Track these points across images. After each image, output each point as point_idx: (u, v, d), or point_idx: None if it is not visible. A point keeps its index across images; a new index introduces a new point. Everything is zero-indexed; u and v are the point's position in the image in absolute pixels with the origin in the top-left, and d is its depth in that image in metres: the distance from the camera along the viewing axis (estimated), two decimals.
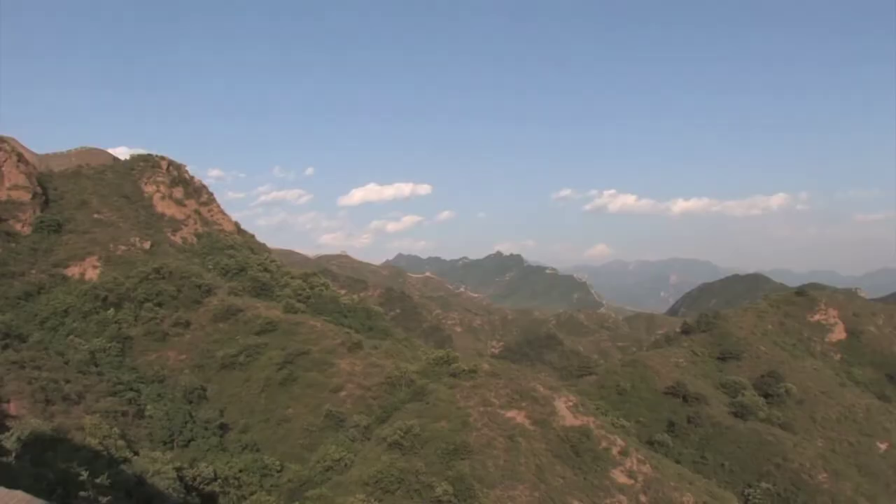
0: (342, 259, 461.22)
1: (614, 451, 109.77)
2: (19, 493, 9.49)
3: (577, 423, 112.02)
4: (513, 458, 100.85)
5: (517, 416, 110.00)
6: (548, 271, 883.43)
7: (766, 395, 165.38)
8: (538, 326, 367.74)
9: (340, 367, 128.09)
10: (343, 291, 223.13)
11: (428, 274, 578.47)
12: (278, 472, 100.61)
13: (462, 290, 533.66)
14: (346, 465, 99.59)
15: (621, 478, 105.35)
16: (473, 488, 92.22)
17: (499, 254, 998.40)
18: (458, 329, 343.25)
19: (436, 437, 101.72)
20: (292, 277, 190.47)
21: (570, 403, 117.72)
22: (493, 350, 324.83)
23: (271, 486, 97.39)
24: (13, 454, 64.06)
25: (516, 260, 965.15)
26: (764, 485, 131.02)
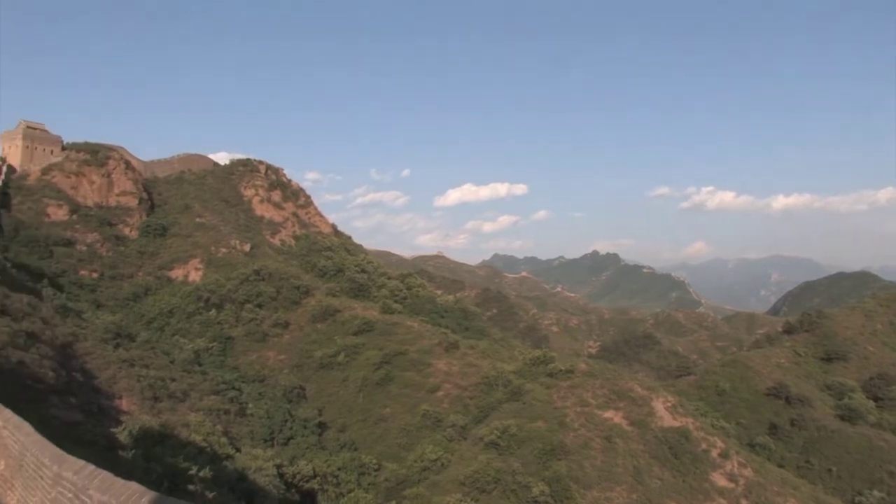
0: (438, 259, 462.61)
1: (714, 453, 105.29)
2: (134, 485, 9.23)
3: (676, 423, 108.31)
4: (610, 458, 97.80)
5: (614, 416, 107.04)
6: (645, 270, 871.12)
7: (875, 399, 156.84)
8: (635, 326, 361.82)
9: (437, 367, 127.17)
10: (439, 292, 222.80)
11: (524, 274, 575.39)
12: (375, 470, 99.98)
13: (558, 289, 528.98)
14: (442, 464, 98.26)
15: (721, 481, 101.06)
16: (570, 489, 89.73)
17: (595, 253, 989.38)
18: (555, 329, 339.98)
19: (532, 438, 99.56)
20: (389, 278, 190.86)
21: (669, 404, 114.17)
22: (589, 350, 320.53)
23: (369, 484, 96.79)
24: (128, 448, 65.29)
25: (613, 259, 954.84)
26: (877, 493, 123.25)
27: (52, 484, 11.92)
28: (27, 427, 14.44)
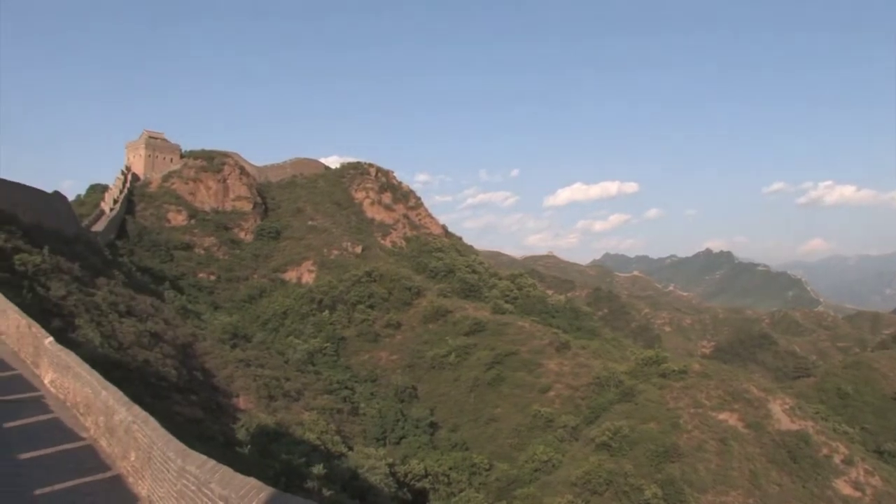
0: (549, 259, 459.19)
1: (837, 459, 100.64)
2: (252, 480, 9.50)
3: (795, 427, 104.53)
4: (725, 462, 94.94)
5: (729, 418, 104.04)
6: (760, 268, 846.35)
7: None
8: (750, 325, 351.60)
9: (548, 368, 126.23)
10: (550, 292, 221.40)
11: (636, 273, 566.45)
12: (487, 470, 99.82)
13: (671, 288, 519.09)
14: (554, 465, 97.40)
15: (846, 489, 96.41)
16: (684, 492, 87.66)
17: (708, 251, 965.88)
18: (668, 329, 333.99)
19: (645, 439, 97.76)
20: (500, 278, 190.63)
21: (787, 406, 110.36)
22: (703, 350, 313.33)
23: (480, 484, 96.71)
24: (245, 445, 67.09)
25: (726, 257, 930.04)
26: None
27: (177, 476, 12.35)
28: (153, 422, 14.93)
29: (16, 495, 14.17)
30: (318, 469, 63.52)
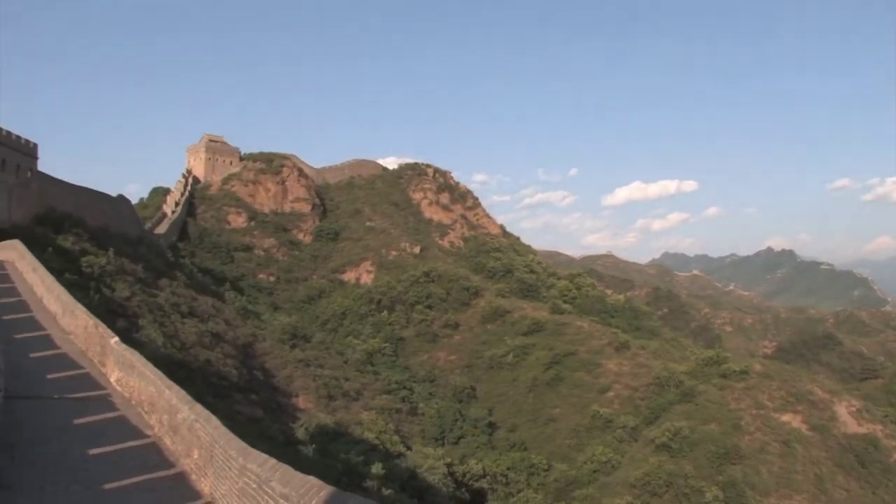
0: (607, 259, 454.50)
1: None
2: (312, 479, 9.61)
3: (862, 430, 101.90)
4: (788, 465, 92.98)
5: (793, 419, 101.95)
6: (823, 267, 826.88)
7: None
8: (814, 325, 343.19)
9: (607, 368, 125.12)
10: (609, 291, 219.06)
11: (695, 272, 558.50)
12: (545, 471, 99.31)
13: (731, 287, 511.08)
14: (612, 466, 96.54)
15: None
16: (745, 495, 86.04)
17: (769, 250, 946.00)
18: (728, 328, 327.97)
19: (705, 440, 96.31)
20: (558, 278, 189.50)
21: (853, 408, 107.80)
22: (764, 350, 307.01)
23: (538, 484, 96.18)
24: (305, 444, 67.79)
25: (788, 256, 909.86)
26: None
27: (238, 474, 12.51)
28: (215, 421, 15.15)
29: (86, 489, 14.52)
30: (376, 468, 63.98)
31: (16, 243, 55.25)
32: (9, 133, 78.21)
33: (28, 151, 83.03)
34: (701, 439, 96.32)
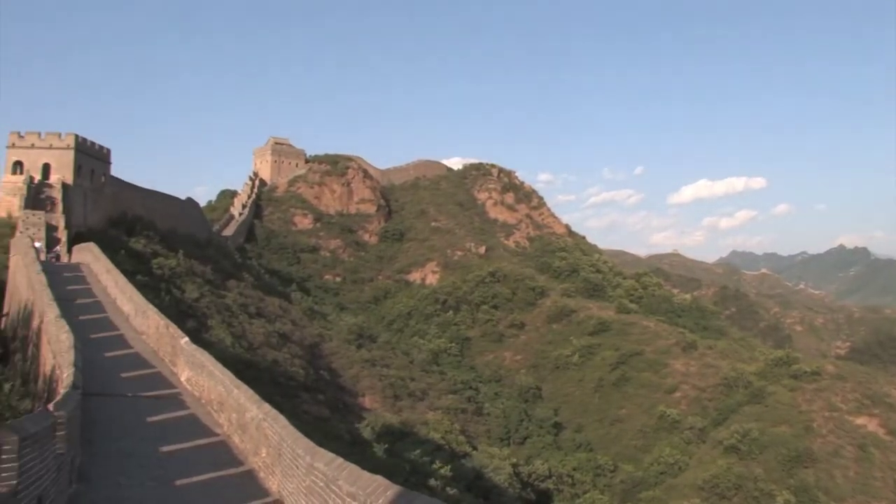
0: (674, 258, 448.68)
1: None
2: (379, 478, 9.67)
3: None
4: (865, 470, 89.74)
5: (868, 423, 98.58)
6: None
7: None
8: (891, 325, 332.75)
9: (674, 368, 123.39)
10: (676, 291, 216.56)
11: (764, 271, 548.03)
12: (611, 472, 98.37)
13: (801, 286, 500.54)
14: (680, 467, 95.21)
15: None
16: (819, 500, 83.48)
17: (841, 247, 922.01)
18: (798, 328, 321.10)
19: (776, 443, 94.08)
20: (624, 277, 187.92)
21: None
22: (837, 351, 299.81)
23: (604, 485, 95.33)
24: (372, 444, 68.37)
25: (862, 253, 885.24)
26: None
27: (305, 473, 12.63)
28: (283, 420, 15.34)
29: (159, 485, 14.85)
30: (442, 468, 64.16)
31: (91, 246, 56.64)
32: (84, 139, 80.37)
33: (101, 157, 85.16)
34: (771, 441, 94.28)
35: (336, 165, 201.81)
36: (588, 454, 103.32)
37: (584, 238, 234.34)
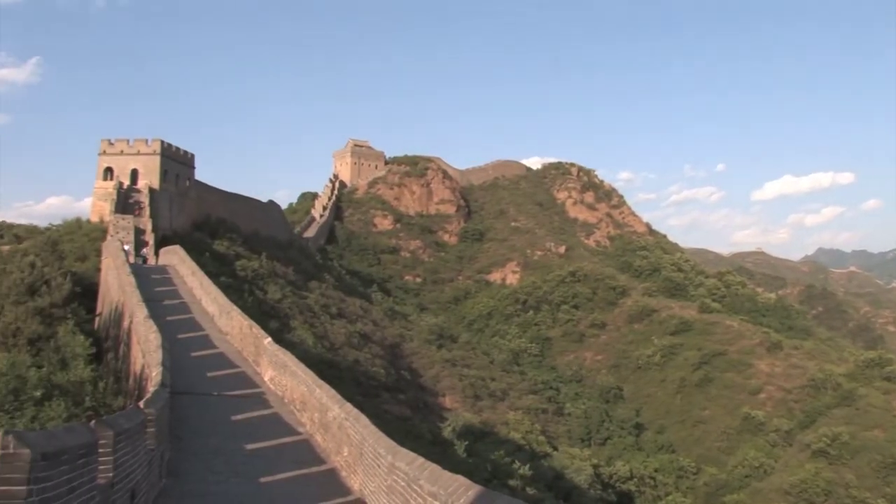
0: (757, 256, 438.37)
1: None
2: (460, 478, 9.68)
3: None
4: None
5: None
6: None
7: None
8: None
9: (759, 369, 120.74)
10: (760, 289, 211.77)
11: (852, 269, 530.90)
12: (694, 474, 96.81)
13: (894, 285, 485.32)
14: (765, 471, 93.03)
15: None
16: None
17: None
18: (891, 328, 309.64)
19: (869, 448, 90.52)
20: (706, 276, 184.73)
21: None
22: None
23: (687, 488, 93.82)
24: (452, 443, 68.58)
25: None
26: None
27: (387, 472, 12.71)
28: (365, 419, 15.48)
29: (245, 482, 15.15)
30: (523, 469, 64.04)
31: (177, 248, 58.06)
32: (169, 145, 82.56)
33: (186, 161, 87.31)
34: (863, 446, 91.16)
35: (415, 167, 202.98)
36: (670, 455, 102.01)
37: (664, 236, 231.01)
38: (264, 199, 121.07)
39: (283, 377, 23.83)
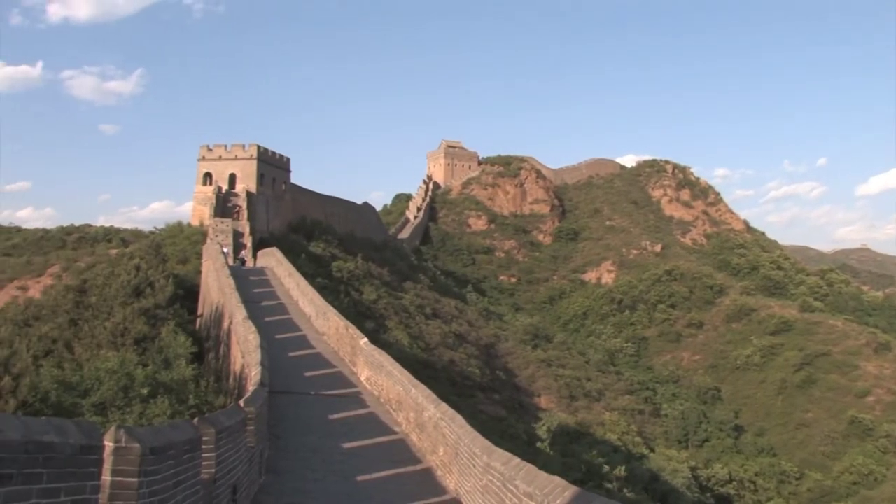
0: (863, 253, 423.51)
1: None
2: (556, 478, 9.66)
3: None
4: None
5: None
6: None
7: None
8: None
9: (866, 370, 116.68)
10: (866, 288, 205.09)
11: None
12: (797, 479, 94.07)
13: None
14: (875, 479, 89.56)
15: None
16: None
17: None
18: None
19: None
20: (807, 274, 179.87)
21: None
22: None
23: (789, 493, 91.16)
24: (547, 444, 68.36)
25: None
26: None
27: (482, 472, 12.70)
28: (460, 419, 15.54)
29: (342, 480, 15.38)
30: (619, 470, 63.34)
31: (274, 251, 59.25)
32: (265, 149, 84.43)
33: (282, 165, 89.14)
34: None
35: (509, 166, 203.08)
36: (771, 459, 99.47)
37: (763, 234, 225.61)
38: (359, 201, 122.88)
39: (379, 377, 24.09)
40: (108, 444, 6.14)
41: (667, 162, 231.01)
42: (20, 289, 79.40)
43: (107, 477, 6.08)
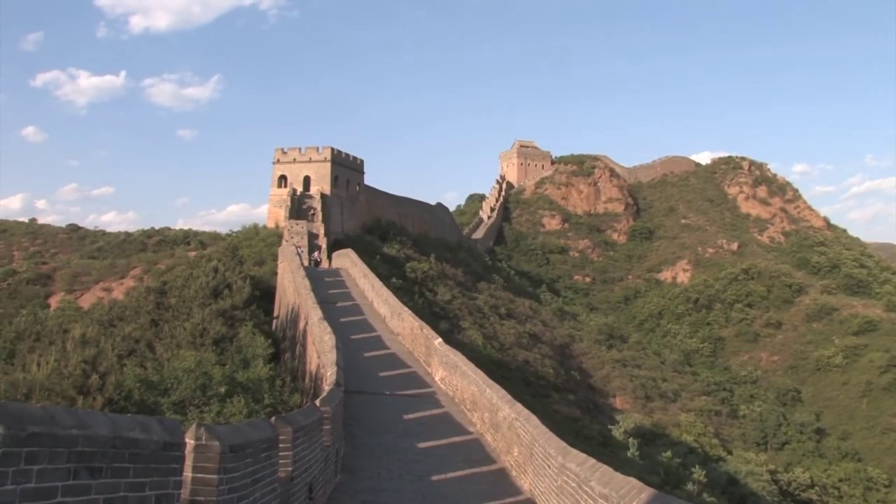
0: None
1: None
2: (633, 480, 9.59)
3: None
4: None
5: None
6: None
7: None
8: None
9: None
10: None
11: None
12: (886, 486, 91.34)
13: None
14: None
15: None
16: None
17: None
18: None
19: None
20: (893, 273, 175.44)
21: None
22: None
23: (877, 501, 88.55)
24: (624, 445, 67.86)
25: None
26: None
27: (557, 473, 12.63)
28: (535, 419, 15.52)
29: (417, 480, 15.48)
30: (698, 473, 62.48)
31: (349, 252, 59.90)
32: (339, 152, 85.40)
33: (356, 167, 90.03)
34: None
35: (582, 166, 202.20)
36: (856, 465, 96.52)
37: (844, 231, 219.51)
38: (433, 202, 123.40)
39: (453, 377, 24.17)
40: (189, 442, 6.31)
41: (743, 158, 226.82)
42: (105, 290, 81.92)
43: (188, 473, 6.24)
